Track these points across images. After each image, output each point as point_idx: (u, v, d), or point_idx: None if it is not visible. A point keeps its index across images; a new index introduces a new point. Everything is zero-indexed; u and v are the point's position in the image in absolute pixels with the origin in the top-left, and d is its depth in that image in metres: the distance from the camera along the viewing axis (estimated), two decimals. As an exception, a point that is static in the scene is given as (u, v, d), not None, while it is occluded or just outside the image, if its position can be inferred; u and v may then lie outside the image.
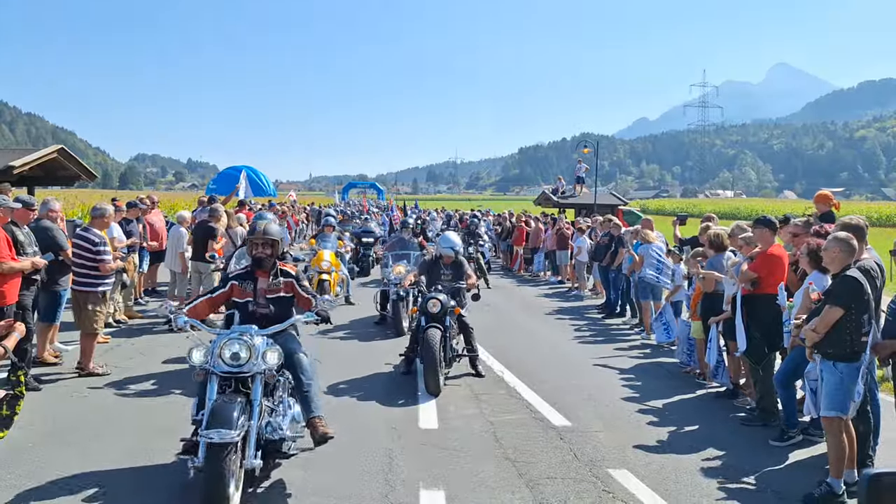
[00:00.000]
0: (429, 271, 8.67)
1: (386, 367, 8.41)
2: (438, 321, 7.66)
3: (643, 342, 10.44)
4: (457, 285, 8.38)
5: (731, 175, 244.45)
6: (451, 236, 8.99)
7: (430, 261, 8.88)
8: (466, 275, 8.54)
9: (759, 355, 6.57)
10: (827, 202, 8.04)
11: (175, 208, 36.84)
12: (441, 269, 8.60)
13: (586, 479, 5.13)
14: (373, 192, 58.33)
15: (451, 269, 8.55)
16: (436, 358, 7.24)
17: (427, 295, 8.02)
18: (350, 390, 7.36)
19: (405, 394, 7.27)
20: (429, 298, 7.85)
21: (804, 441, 6.02)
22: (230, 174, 17.68)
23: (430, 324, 7.61)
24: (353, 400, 7.04)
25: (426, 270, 8.71)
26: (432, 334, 7.42)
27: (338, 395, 7.14)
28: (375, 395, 7.21)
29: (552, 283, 18.00)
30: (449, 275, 8.50)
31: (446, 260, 8.59)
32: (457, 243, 8.81)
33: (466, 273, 8.57)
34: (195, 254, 10.80)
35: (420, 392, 7.28)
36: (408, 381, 7.78)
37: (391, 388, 7.54)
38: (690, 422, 6.60)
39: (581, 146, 29.41)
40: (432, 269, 8.67)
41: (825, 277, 5.64)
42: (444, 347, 7.59)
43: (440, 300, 7.77)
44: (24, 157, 13.78)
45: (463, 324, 8.25)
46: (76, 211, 30.47)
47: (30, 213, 7.42)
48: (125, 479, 4.92)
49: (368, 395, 7.18)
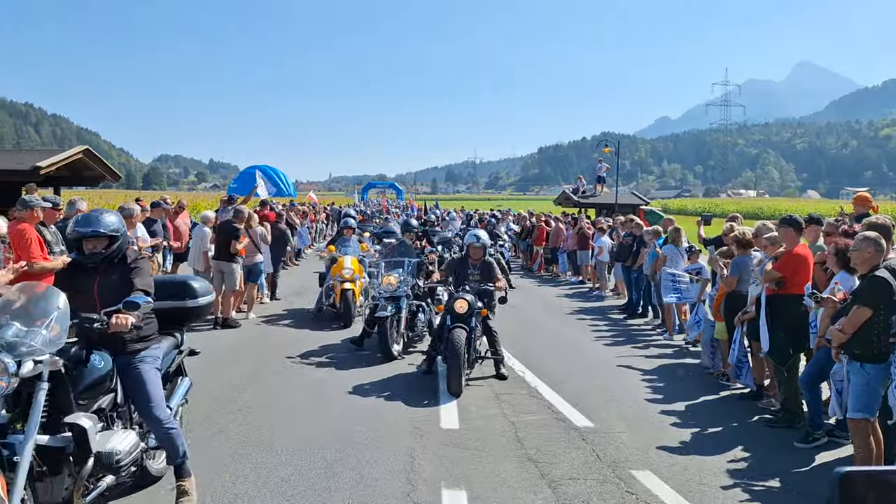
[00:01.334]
0: (456, 271, 8.53)
1: (409, 367, 8.42)
2: (464, 322, 7.57)
3: (666, 343, 10.37)
4: (485, 287, 8.16)
5: (753, 174, 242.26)
6: (477, 231, 8.92)
7: (458, 260, 8.74)
8: (495, 277, 8.31)
9: (784, 356, 6.50)
10: (865, 204, 7.94)
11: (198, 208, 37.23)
12: (469, 268, 8.41)
13: (609, 481, 5.11)
14: (392, 192, 58.56)
15: (480, 269, 8.35)
16: (461, 359, 7.18)
17: (454, 294, 7.93)
18: (372, 390, 7.39)
19: (426, 394, 7.29)
20: (456, 298, 7.73)
21: (830, 443, 5.95)
22: (251, 173, 17.80)
23: (456, 324, 7.52)
24: (375, 399, 7.06)
25: (453, 270, 8.58)
26: (458, 335, 7.32)
27: (360, 395, 7.18)
28: (397, 394, 7.23)
29: (573, 283, 17.93)
30: (477, 275, 8.31)
31: (474, 259, 8.40)
32: (482, 235, 8.64)
33: (495, 275, 8.33)
34: (217, 253, 10.89)
35: (441, 392, 7.28)
36: (429, 381, 7.78)
37: (413, 388, 7.55)
38: (714, 423, 6.55)
39: (602, 145, 29.30)
40: (460, 268, 8.51)
41: (851, 277, 5.59)
42: (468, 349, 7.50)
43: (468, 301, 7.66)
44: (51, 158, 13.97)
45: (487, 327, 8.11)
46: (100, 211, 30.80)
47: (56, 212, 7.56)
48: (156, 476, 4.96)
49: (390, 395, 7.20)
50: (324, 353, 9.04)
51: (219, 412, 6.44)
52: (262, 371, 8.04)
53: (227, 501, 4.60)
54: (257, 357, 8.69)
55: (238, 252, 10.70)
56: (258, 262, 11.67)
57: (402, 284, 9.18)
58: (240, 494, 4.70)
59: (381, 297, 9.11)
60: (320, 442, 5.73)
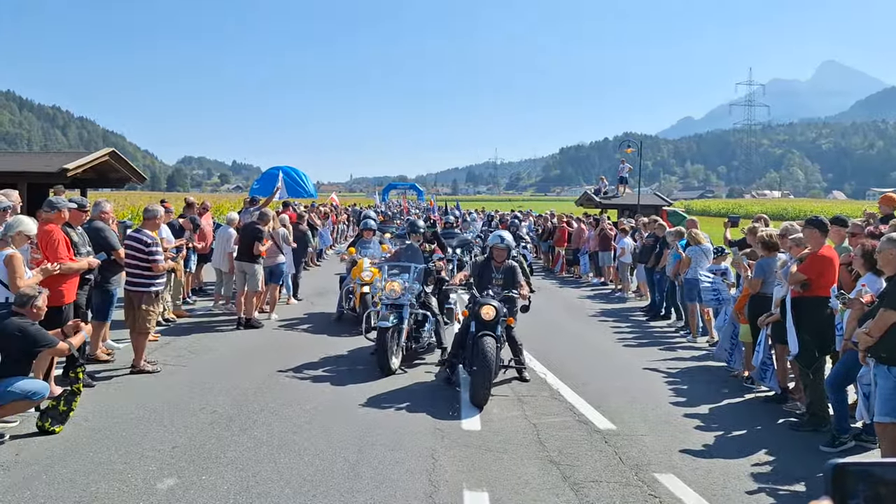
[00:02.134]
0: (479, 275, 8.09)
1: (426, 374, 8.28)
2: (492, 329, 7.20)
3: (689, 345, 10.29)
4: (509, 293, 7.79)
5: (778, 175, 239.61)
6: (502, 232, 8.53)
7: (481, 263, 8.28)
8: (518, 283, 7.94)
9: (810, 359, 6.42)
10: (891, 204, 7.85)
11: (221, 210, 37.55)
12: (492, 272, 8.01)
13: (632, 484, 5.08)
14: (412, 192, 58.67)
15: (504, 273, 7.98)
16: (492, 370, 6.84)
17: (480, 300, 7.48)
18: (393, 393, 7.40)
19: (447, 396, 7.29)
20: (482, 304, 7.33)
21: (856, 447, 5.87)
22: (273, 174, 17.92)
23: (484, 331, 7.15)
24: (396, 401, 7.07)
25: (477, 273, 8.15)
26: (488, 344, 6.96)
27: (381, 397, 7.19)
28: (419, 396, 7.24)
29: (595, 284, 17.85)
30: (500, 279, 7.95)
31: (497, 261, 8.03)
32: (506, 237, 8.26)
33: (519, 281, 7.96)
34: (240, 254, 10.99)
35: (463, 402, 7.04)
36: (451, 390, 7.52)
37: (435, 391, 7.55)
38: (738, 426, 6.49)
39: (624, 146, 29.11)
40: (483, 272, 8.08)
41: (879, 279, 5.51)
42: (496, 358, 7.20)
43: (495, 307, 7.30)
44: (77, 160, 14.18)
45: (511, 337, 7.78)
46: (126, 212, 31.23)
47: (83, 214, 7.66)
48: (177, 475, 5.02)
49: (412, 397, 7.21)
50: (345, 356, 9.07)
51: (241, 413, 6.49)
52: (284, 373, 8.08)
53: (250, 501, 4.64)
54: (279, 359, 8.74)
55: (261, 253, 10.78)
56: (280, 263, 11.74)
57: (407, 292, 8.53)
58: (262, 494, 4.74)
59: (383, 305, 8.45)
60: (342, 443, 5.76)
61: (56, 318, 6.49)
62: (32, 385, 5.66)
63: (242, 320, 10.64)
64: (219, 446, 5.60)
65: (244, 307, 10.73)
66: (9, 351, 5.53)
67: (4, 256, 6.02)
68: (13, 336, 5.52)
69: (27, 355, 5.68)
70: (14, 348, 5.53)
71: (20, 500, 4.54)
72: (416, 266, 9.11)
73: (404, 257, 9.46)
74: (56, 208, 6.94)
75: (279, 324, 11.19)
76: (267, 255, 11.06)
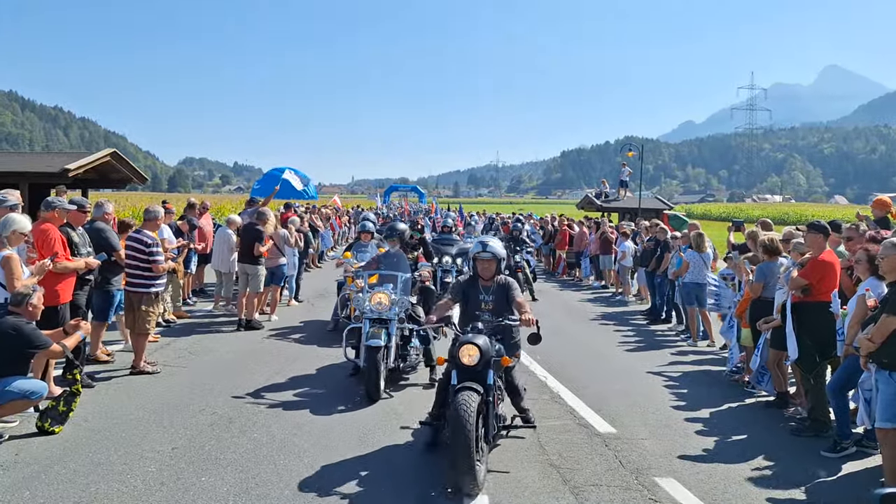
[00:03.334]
0: (465, 300, 6.02)
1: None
2: (477, 378, 5.18)
3: (690, 348, 10.28)
4: (504, 321, 5.65)
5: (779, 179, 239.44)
6: (486, 238, 6.31)
7: (465, 283, 6.09)
8: (516, 303, 5.78)
9: (811, 364, 6.41)
10: (884, 208, 7.88)
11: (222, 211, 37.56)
12: (480, 293, 5.95)
13: (632, 488, 5.07)
14: (414, 195, 58.68)
15: (495, 294, 5.91)
16: (470, 441, 4.66)
17: (462, 337, 5.41)
18: (392, 394, 7.38)
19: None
20: (462, 343, 5.28)
21: (858, 453, 5.85)
22: (274, 175, 17.94)
23: (464, 383, 5.10)
24: (396, 402, 7.06)
25: (462, 299, 6.03)
26: (464, 402, 4.84)
27: (380, 399, 7.17)
28: (418, 397, 7.22)
29: (595, 287, 17.84)
30: (491, 302, 5.91)
31: (485, 278, 5.92)
32: (493, 244, 6.01)
33: (516, 301, 5.80)
34: (241, 255, 10.98)
35: None
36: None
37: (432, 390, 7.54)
38: (739, 430, 6.47)
39: (625, 149, 29.14)
40: (469, 296, 6.00)
41: (881, 284, 5.50)
42: (485, 421, 5.10)
43: (479, 346, 5.20)
44: (79, 161, 14.20)
45: (511, 384, 5.90)
46: (127, 213, 31.25)
47: (83, 215, 7.65)
48: (176, 476, 5.01)
49: (411, 398, 7.19)
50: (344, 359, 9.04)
51: (241, 415, 6.48)
52: (284, 374, 8.07)
53: (249, 502, 4.63)
54: (279, 360, 8.73)
55: (262, 254, 10.78)
56: (281, 264, 11.74)
57: (395, 305, 7.48)
58: (261, 495, 4.73)
59: (367, 320, 7.33)
60: (342, 445, 5.75)
61: (52, 318, 6.48)
62: (30, 385, 5.65)
63: (243, 322, 10.63)
64: (218, 447, 5.60)
65: (245, 308, 10.72)
66: (5, 350, 5.52)
67: (1, 258, 6.01)
68: (8, 335, 5.51)
69: (23, 355, 5.67)
70: (9, 347, 5.52)
71: (20, 500, 4.54)
72: (403, 275, 7.90)
73: (386, 264, 8.12)
74: (51, 207, 6.94)
75: (279, 325, 11.17)
76: (268, 256, 11.06)
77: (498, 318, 5.69)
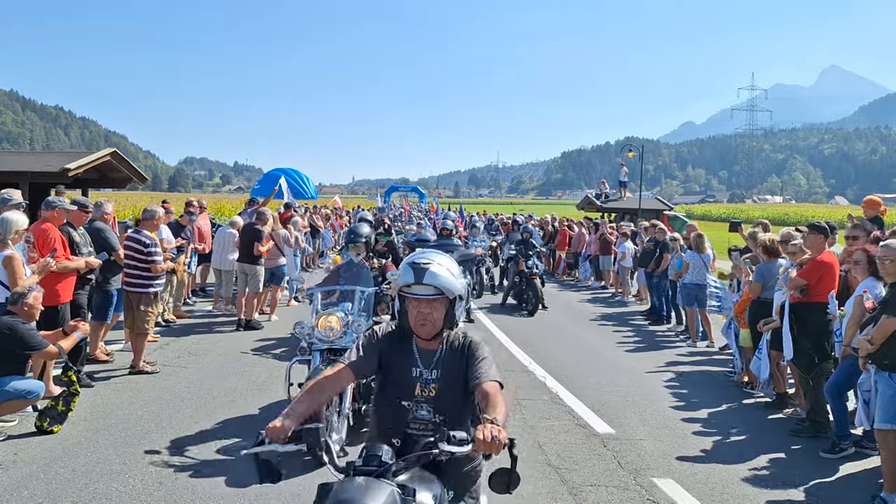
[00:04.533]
0: (383, 369, 3.00)
1: None
2: None
3: (689, 349, 10.28)
4: (445, 448, 2.50)
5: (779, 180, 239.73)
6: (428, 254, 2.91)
7: (386, 337, 3.01)
8: (481, 395, 2.76)
9: (809, 365, 6.41)
10: (875, 207, 7.91)
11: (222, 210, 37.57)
12: (413, 362, 2.96)
13: (630, 488, 5.07)
14: (414, 195, 58.68)
15: (442, 367, 2.93)
16: None
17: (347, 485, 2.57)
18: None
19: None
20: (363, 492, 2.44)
21: (856, 453, 5.85)
22: (275, 175, 17.98)
23: None
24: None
25: (372, 363, 2.98)
26: None
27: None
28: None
29: (595, 288, 17.84)
30: (432, 386, 2.92)
31: (424, 337, 2.91)
32: (437, 266, 2.82)
33: (481, 389, 2.78)
34: (241, 255, 10.98)
35: None
36: None
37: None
38: (738, 431, 6.48)
39: (625, 150, 29.14)
40: (391, 361, 2.99)
41: (879, 285, 5.50)
42: None
43: None
44: (79, 160, 14.20)
45: None
46: (127, 213, 31.24)
47: (85, 214, 7.66)
48: (175, 475, 5.01)
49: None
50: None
51: (240, 415, 6.48)
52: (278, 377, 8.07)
53: (248, 502, 4.63)
54: (279, 361, 8.73)
55: (261, 254, 10.78)
56: (281, 264, 11.74)
57: (351, 330, 5.85)
58: (260, 496, 4.72)
59: (316, 350, 5.76)
60: (341, 444, 5.74)
61: (52, 318, 6.49)
62: (27, 384, 5.65)
63: (242, 322, 10.63)
64: (218, 446, 5.59)
65: (244, 308, 10.73)
66: (1, 350, 5.53)
67: (3, 257, 6.02)
68: (2, 334, 5.51)
69: (19, 355, 5.67)
70: (4, 347, 5.52)
71: (18, 499, 4.54)
72: (363, 290, 6.34)
73: (345, 277, 6.52)
74: (51, 207, 6.94)
75: (279, 325, 11.17)
76: (267, 256, 11.06)
77: (444, 426, 2.72)
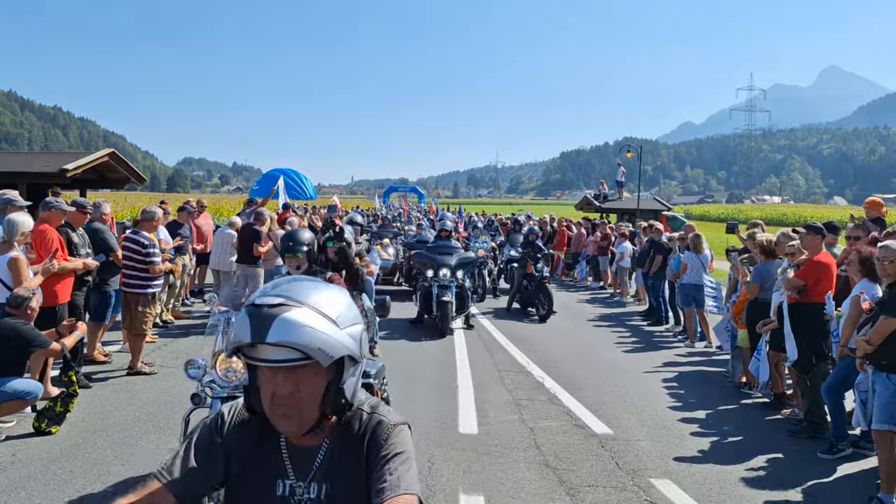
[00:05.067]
0: (237, 471, 1.66)
1: (424, 368, 8.34)
2: None
3: (687, 350, 10.29)
4: None
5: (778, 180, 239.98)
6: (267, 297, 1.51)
7: (237, 430, 1.69)
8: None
9: (807, 366, 6.42)
10: (877, 208, 7.90)
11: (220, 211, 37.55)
12: (280, 468, 1.64)
13: (628, 489, 5.07)
14: (414, 195, 58.64)
15: (326, 476, 1.61)
16: None
17: None
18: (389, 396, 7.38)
19: (445, 397, 7.28)
20: None
21: (854, 454, 5.86)
22: (273, 176, 17.99)
23: None
24: (392, 403, 7.06)
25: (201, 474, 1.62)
26: None
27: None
28: (415, 397, 7.23)
29: (593, 288, 17.85)
30: None
31: (291, 428, 1.55)
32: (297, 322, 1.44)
33: None
34: (240, 256, 10.97)
35: (460, 396, 7.23)
36: (448, 385, 7.67)
37: (430, 391, 7.55)
38: (735, 432, 6.48)
39: (624, 150, 29.13)
40: (246, 463, 1.66)
41: (875, 286, 5.51)
42: None
43: None
44: (77, 161, 14.16)
45: None
46: (125, 213, 31.22)
47: (83, 215, 7.66)
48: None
49: (407, 398, 7.19)
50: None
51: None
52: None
53: None
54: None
55: (261, 255, 10.78)
56: (280, 266, 11.72)
57: None
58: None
59: (216, 397, 4.66)
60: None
61: (50, 319, 6.49)
62: (25, 385, 5.65)
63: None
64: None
65: (243, 309, 10.70)
66: (2, 351, 5.53)
67: (9, 259, 6.03)
68: (7, 336, 5.52)
69: (20, 356, 5.68)
70: (8, 349, 5.53)
71: (16, 500, 4.54)
72: None
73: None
74: (49, 208, 6.94)
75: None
76: (266, 257, 11.05)
77: None
